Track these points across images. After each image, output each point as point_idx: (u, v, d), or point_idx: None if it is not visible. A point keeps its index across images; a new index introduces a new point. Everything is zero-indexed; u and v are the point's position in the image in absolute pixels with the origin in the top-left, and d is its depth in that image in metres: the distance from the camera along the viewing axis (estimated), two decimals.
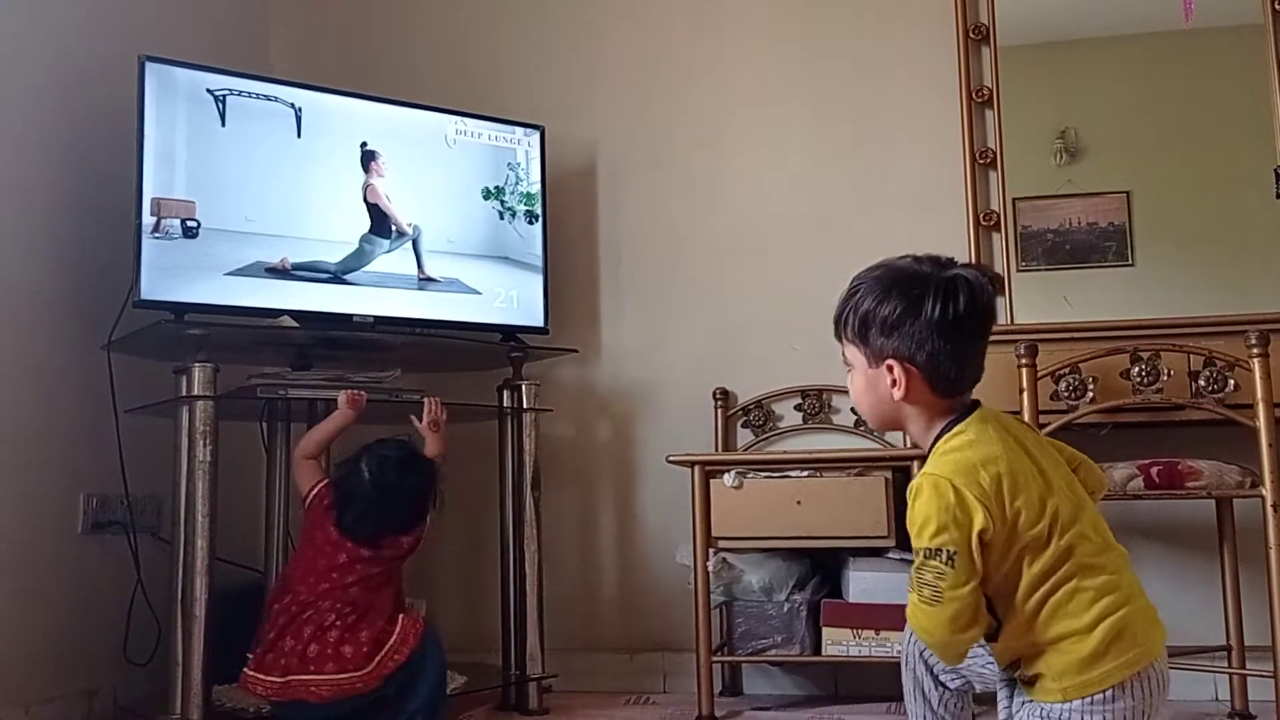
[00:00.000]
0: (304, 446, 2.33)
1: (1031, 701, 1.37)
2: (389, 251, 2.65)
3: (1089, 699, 1.32)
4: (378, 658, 2.11)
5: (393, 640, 2.13)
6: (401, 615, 2.20)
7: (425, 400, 2.43)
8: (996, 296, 1.44)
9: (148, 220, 2.33)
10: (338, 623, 2.12)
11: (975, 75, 2.96)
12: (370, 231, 2.63)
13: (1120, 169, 2.88)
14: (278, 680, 2.08)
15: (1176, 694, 2.56)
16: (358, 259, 2.60)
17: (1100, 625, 1.32)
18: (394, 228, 2.66)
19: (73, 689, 2.42)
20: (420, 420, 2.41)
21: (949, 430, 1.42)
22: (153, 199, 2.34)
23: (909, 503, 1.39)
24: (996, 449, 1.37)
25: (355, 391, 2.35)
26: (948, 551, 1.33)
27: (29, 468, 2.37)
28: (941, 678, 1.57)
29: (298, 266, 2.52)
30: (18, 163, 2.40)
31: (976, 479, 1.34)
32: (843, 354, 1.50)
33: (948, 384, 1.42)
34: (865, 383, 1.46)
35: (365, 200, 2.64)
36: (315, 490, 2.26)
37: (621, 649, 2.97)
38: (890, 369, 1.41)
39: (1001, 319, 2.65)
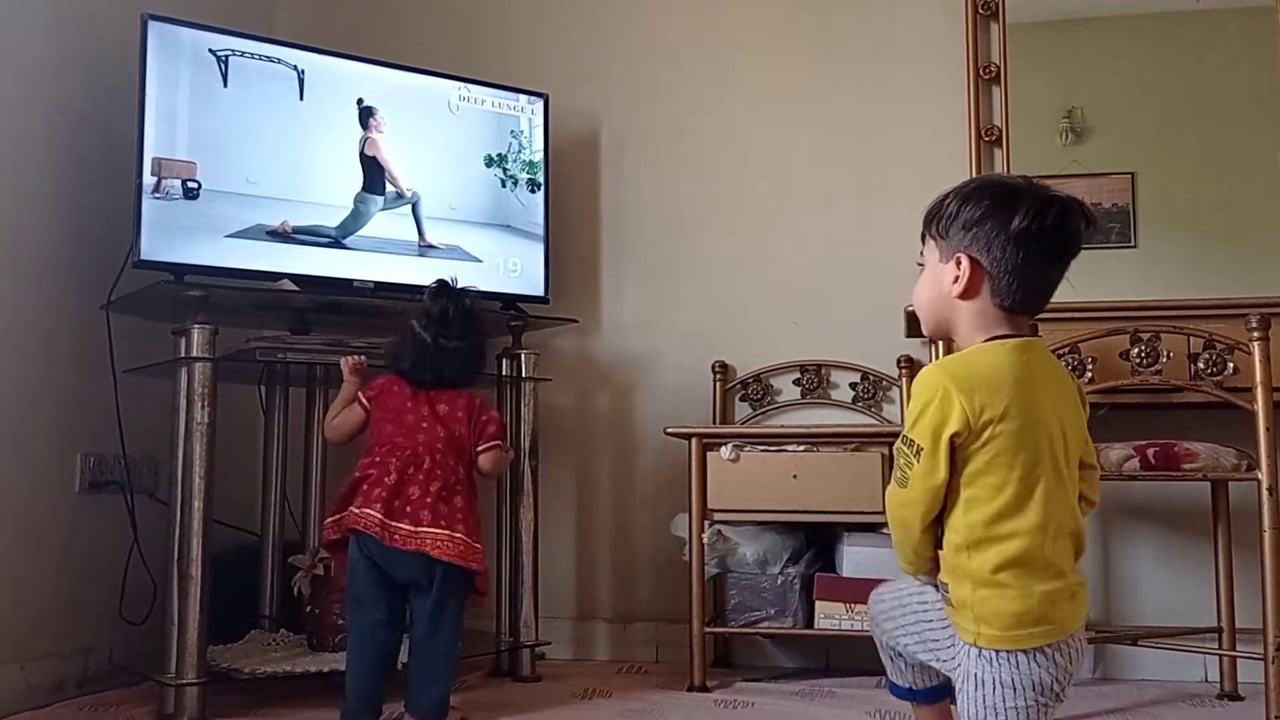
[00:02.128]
0: (330, 417, 2.28)
1: (963, 642, 1.44)
2: (384, 209, 2.63)
3: (1002, 654, 1.38)
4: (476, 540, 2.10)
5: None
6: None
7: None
8: (1088, 229, 1.44)
9: (148, 180, 2.32)
10: (459, 489, 2.10)
11: (983, 51, 2.94)
12: (364, 189, 2.61)
13: (1125, 150, 2.87)
14: (407, 529, 2.04)
15: (1166, 674, 2.62)
16: (354, 220, 2.59)
17: (1023, 593, 1.37)
18: (389, 184, 2.65)
19: (68, 647, 2.43)
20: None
21: (991, 341, 1.44)
22: (154, 159, 2.33)
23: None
24: (1005, 381, 1.39)
25: (357, 357, 2.33)
26: (917, 445, 1.41)
27: (27, 427, 2.37)
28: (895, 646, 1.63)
29: (298, 230, 2.51)
30: (18, 120, 2.38)
31: (973, 387, 1.38)
32: (920, 254, 1.54)
33: (1008, 296, 1.43)
34: (930, 278, 1.50)
35: (362, 154, 2.61)
36: (367, 394, 2.20)
37: (615, 618, 2.98)
38: (958, 262, 1.44)
39: None
